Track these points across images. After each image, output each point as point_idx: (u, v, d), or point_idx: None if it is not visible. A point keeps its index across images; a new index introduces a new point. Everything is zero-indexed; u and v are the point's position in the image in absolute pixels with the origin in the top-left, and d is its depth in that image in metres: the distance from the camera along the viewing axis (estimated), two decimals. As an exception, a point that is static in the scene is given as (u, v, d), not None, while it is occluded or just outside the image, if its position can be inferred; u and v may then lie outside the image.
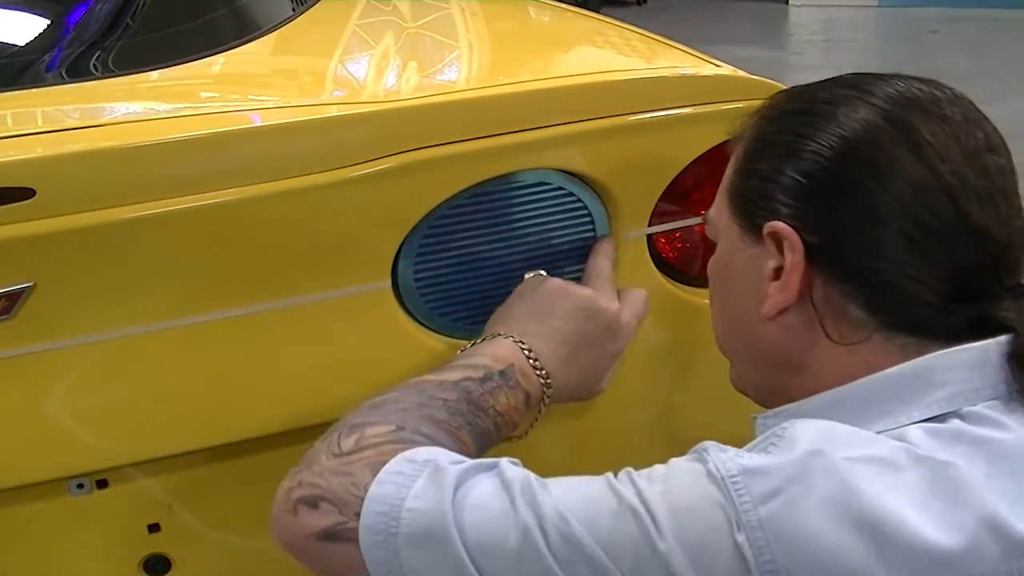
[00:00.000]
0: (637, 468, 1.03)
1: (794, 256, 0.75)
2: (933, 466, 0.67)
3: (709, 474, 0.68)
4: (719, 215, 0.85)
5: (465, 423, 0.84)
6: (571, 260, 1.04)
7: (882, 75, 0.80)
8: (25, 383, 0.89)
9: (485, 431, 0.86)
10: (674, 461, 0.73)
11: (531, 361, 0.91)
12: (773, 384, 0.83)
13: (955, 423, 0.70)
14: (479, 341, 0.93)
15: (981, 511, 0.65)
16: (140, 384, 0.92)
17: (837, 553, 0.64)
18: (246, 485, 1.00)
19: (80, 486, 0.94)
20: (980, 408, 0.71)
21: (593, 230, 1.04)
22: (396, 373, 0.99)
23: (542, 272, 1.01)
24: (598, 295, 0.97)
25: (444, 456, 0.74)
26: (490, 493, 0.70)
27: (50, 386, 0.90)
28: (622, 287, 1.02)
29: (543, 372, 0.92)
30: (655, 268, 1.08)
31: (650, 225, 1.06)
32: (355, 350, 0.98)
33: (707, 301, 1.11)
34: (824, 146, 0.75)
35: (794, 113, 0.80)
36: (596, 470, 1.05)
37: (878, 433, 0.71)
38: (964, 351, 0.72)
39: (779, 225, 0.76)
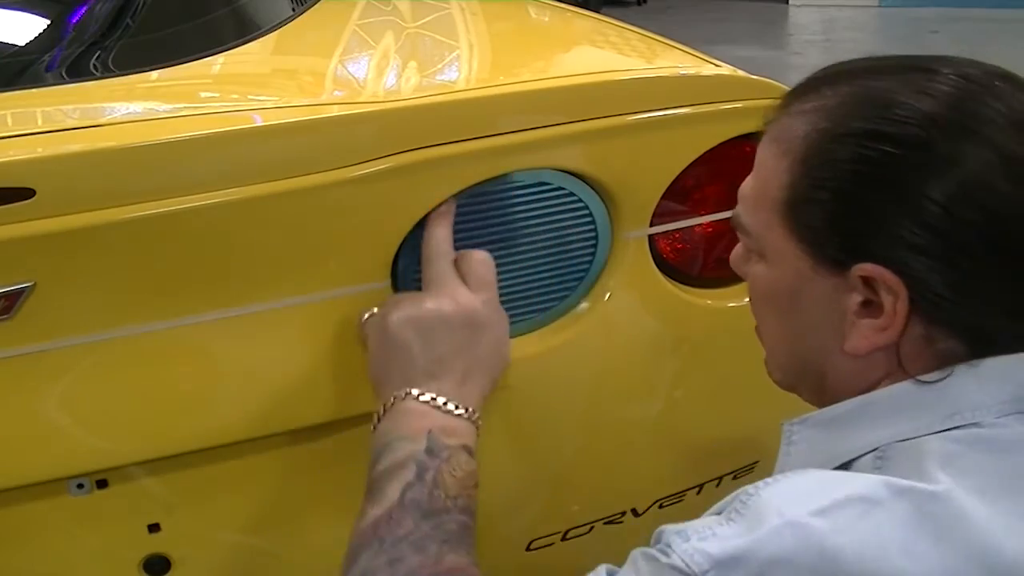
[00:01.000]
0: (637, 471, 1.03)
1: (898, 301, 0.69)
2: (915, 499, 0.64)
3: (678, 571, 0.64)
4: (769, 231, 0.76)
5: (440, 545, 0.79)
6: (571, 260, 1.04)
7: (947, 75, 0.72)
8: (25, 383, 0.88)
9: (460, 528, 0.82)
10: (638, 562, 0.68)
11: (443, 409, 0.87)
12: (828, 398, 0.78)
13: (973, 431, 0.68)
14: (380, 418, 0.88)
15: (967, 547, 0.62)
16: (140, 384, 0.92)
17: None
18: (246, 485, 1.00)
19: (80, 486, 0.94)
20: (1002, 420, 0.69)
21: (594, 230, 1.04)
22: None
23: (372, 309, 0.94)
24: (440, 301, 0.90)
25: None
26: None
27: (50, 386, 0.90)
28: (621, 288, 1.00)
29: (460, 409, 0.87)
30: (656, 268, 1.08)
31: (651, 225, 1.06)
32: (355, 350, 0.98)
33: (708, 301, 1.12)
34: (934, 194, 0.68)
35: (870, 136, 0.70)
36: (597, 470, 1.06)
37: (899, 442, 0.69)
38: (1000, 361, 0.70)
39: (875, 269, 0.69)
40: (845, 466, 0.72)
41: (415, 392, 0.87)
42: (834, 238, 0.72)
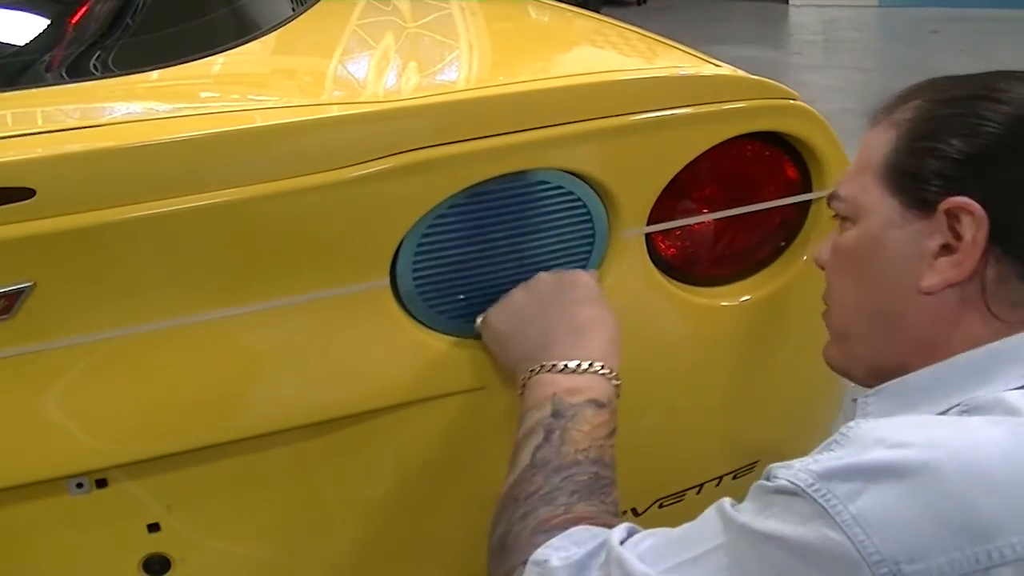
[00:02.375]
0: (637, 471, 1.03)
1: (977, 231, 0.75)
2: (1012, 425, 0.67)
3: (783, 491, 0.68)
4: (865, 193, 0.83)
5: (569, 496, 0.83)
6: (569, 258, 1.04)
7: None
8: (25, 383, 0.89)
9: (591, 478, 0.85)
10: (741, 502, 0.72)
11: (565, 371, 0.92)
12: (893, 362, 0.82)
13: None
14: (520, 393, 0.95)
15: None
16: (140, 383, 0.92)
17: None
18: (246, 485, 1.00)
19: (80, 486, 0.94)
20: None
21: (592, 229, 1.04)
22: (395, 372, 0.99)
23: (481, 317, 1.02)
24: (521, 285, 1.00)
25: (562, 549, 0.77)
26: None
27: (50, 386, 0.90)
28: (618, 286, 1.01)
29: (584, 365, 0.92)
30: (654, 267, 1.08)
31: (649, 224, 1.06)
32: (354, 349, 0.98)
33: (706, 300, 1.12)
34: (1011, 126, 0.76)
35: (969, 98, 0.80)
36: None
37: (980, 396, 0.73)
38: None
39: (963, 200, 0.76)
40: None
41: (537, 366, 0.93)
42: (928, 179, 0.78)
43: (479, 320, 1.01)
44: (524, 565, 0.79)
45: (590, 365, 0.92)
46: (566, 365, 0.92)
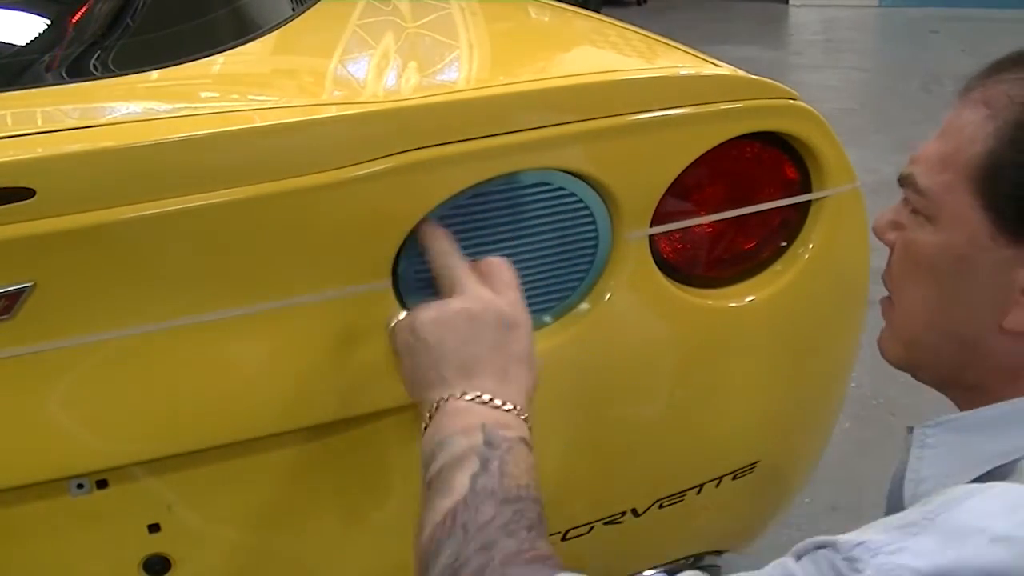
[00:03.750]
0: (637, 471, 1.03)
1: None
2: None
3: None
4: (949, 194, 0.74)
5: (527, 531, 0.76)
6: (571, 260, 1.04)
7: None
8: (25, 383, 0.88)
9: (538, 516, 0.78)
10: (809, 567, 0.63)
11: (490, 405, 0.83)
12: (970, 380, 0.76)
13: None
14: (427, 423, 0.85)
15: None
16: (140, 384, 0.92)
17: None
18: (246, 485, 1.00)
19: (80, 486, 0.94)
20: None
21: (595, 230, 1.04)
22: (396, 373, 0.99)
23: (399, 315, 0.91)
24: (466, 300, 0.87)
25: None
26: None
27: (50, 386, 0.89)
28: (623, 289, 1.00)
29: (508, 405, 0.84)
30: (657, 269, 1.08)
31: (652, 225, 1.06)
32: (355, 350, 0.98)
33: (709, 302, 1.12)
34: None
35: None
36: (597, 470, 1.06)
37: None
38: None
39: None
40: (992, 472, 0.70)
41: (458, 392, 0.84)
42: (1019, 202, 0.70)
43: (399, 317, 0.90)
44: None
45: (514, 407, 0.84)
46: (492, 399, 0.83)
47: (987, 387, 0.74)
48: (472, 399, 0.84)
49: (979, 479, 0.70)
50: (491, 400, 0.83)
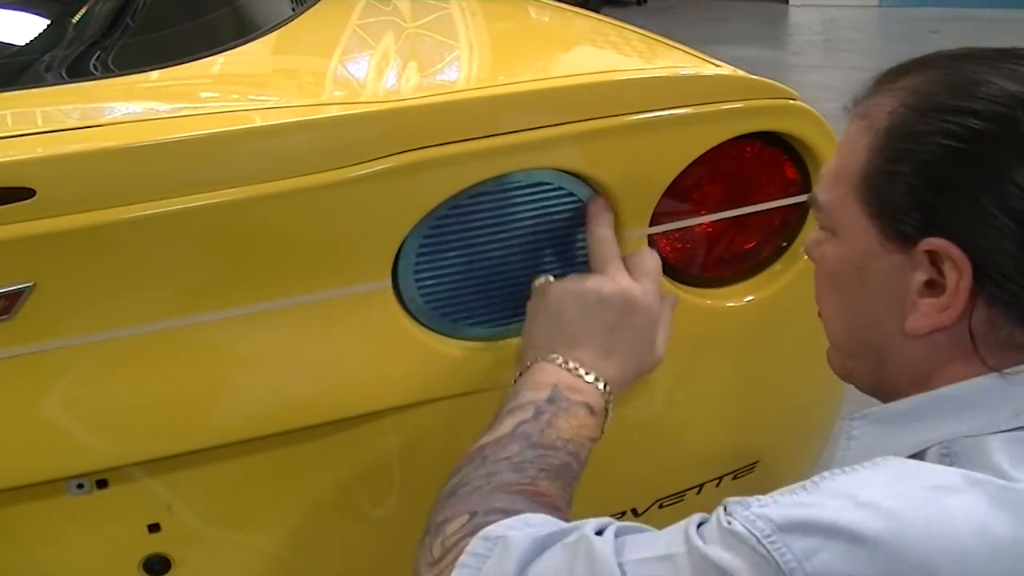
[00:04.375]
0: (637, 471, 1.03)
1: (961, 278, 0.70)
2: (991, 488, 0.64)
3: (738, 536, 0.64)
4: (843, 207, 0.77)
5: (538, 471, 0.82)
6: (572, 260, 1.04)
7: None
8: (25, 383, 0.88)
9: (563, 465, 0.85)
10: (689, 529, 0.68)
11: (574, 372, 0.91)
12: (888, 386, 0.79)
13: None
14: (517, 377, 0.93)
15: None
16: (140, 384, 0.92)
17: None
18: (246, 485, 1.00)
19: (80, 486, 0.94)
20: None
21: (594, 230, 1.04)
22: (396, 373, 0.99)
23: (548, 277, 0.99)
24: (602, 281, 0.95)
25: (517, 528, 0.73)
26: (556, 566, 0.69)
27: (50, 386, 0.90)
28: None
29: (592, 376, 0.91)
30: (656, 268, 1.08)
31: (651, 225, 1.06)
32: (355, 350, 0.98)
33: (709, 301, 1.12)
34: (1015, 174, 0.68)
35: (956, 111, 0.70)
36: (597, 470, 1.05)
37: (964, 438, 0.69)
38: None
39: (943, 244, 0.70)
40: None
41: (553, 356, 0.92)
42: (905, 211, 0.72)
43: (540, 280, 0.99)
44: (470, 517, 0.77)
45: (597, 380, 0.91)
46: (578, 368, 0.91)
47: (901, 390, 0.77)
48: (561, 364, 0.91)
49: None
50: (577, 369, 0.91)
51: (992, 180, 0.68)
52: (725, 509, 0.67)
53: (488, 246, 1.00)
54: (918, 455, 0.72)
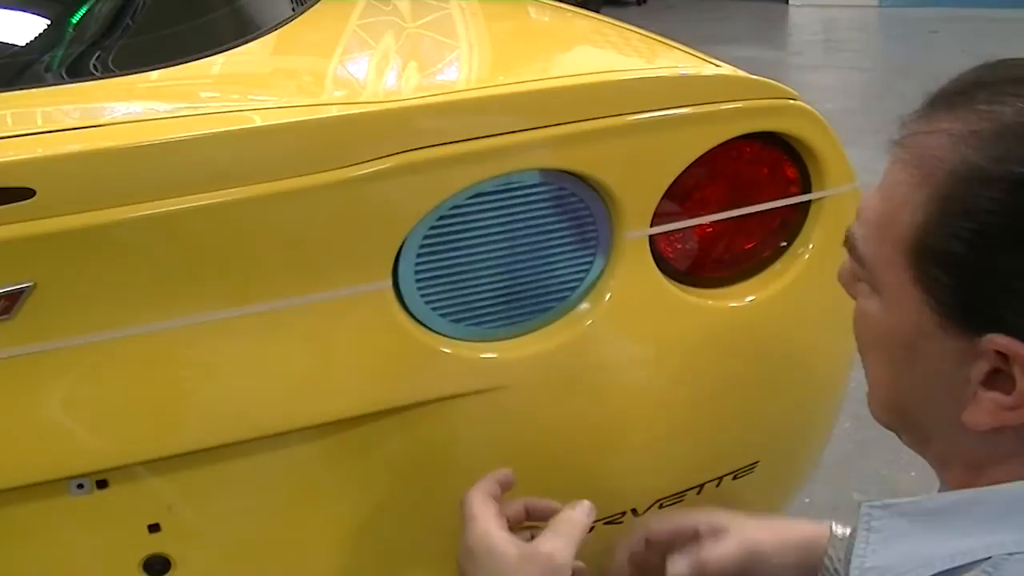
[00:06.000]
0: (637, 471, 1.02)
1: None
2: None
3: None
4: (890, 270, 0.66)
5: None
6: (571, 260, 1.04)
7: None
8: (25, 383, 0.88)
9: None
10: None
11: None
12: (937, 460, 0.71)
13: None
14: None
15: None
16: (140, 384, 0.92)
17: None
18: (246, 485, 1.00)
19: (80, 486, 0.94)
20: None
21: (595, 230, 1.04)
22: (397, 373, 0.99)
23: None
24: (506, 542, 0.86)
25: None
26: None
27: (50, 386, 0.89)
28: (624, 290, 0.98)
29: None
30: (657, 269, 1.08)
31: (652, 226, 1.06)
32: (355, 350, 0.98)
33: (710, 302, 1.12)
34: None
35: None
36: (597, 470, 1.06)
37: (1015, 554, 0.61)
38: None
39: (1016, 347, 0.60)
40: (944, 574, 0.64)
41: None
42: (966, 300, 0.62)
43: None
44: None
45: None
46: None
47: (947, 471, 0.68)
48: None
49: None
50: None
51: None
52: None
53: (488, 246, 1.00)
54: (956, 569, 0.63)
